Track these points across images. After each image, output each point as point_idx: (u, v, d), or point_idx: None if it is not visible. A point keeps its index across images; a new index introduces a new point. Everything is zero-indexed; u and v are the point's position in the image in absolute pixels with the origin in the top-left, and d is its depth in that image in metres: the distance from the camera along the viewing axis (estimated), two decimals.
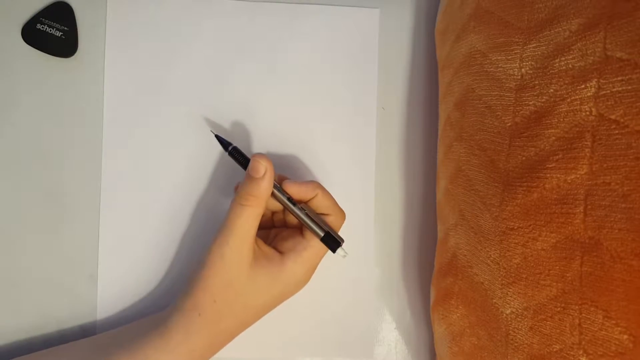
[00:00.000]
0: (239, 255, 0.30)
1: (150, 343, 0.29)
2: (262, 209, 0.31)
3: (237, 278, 0.30)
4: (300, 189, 0.32)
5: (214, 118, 0.37)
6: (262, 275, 0.31)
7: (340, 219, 0.33)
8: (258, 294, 0.31)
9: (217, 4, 0.38)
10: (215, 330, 0.30)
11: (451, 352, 0.31)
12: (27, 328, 0.35)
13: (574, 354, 0.21)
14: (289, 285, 0.32)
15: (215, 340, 0.31)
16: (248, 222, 0.30)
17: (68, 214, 0.36)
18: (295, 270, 0.31)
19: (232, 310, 0.30)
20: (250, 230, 0.30)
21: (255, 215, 0.30)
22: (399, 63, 0.39)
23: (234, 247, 0.30)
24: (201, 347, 0.30)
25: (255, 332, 0.37)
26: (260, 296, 0.31)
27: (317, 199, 0.32)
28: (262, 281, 0.31)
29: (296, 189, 0.32)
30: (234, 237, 0.30)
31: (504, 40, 0.27)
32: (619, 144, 0.20)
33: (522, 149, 0.25)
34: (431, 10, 0.40)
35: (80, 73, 0.37)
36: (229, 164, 0.37)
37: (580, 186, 0.21)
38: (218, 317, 0.30)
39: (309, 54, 0.38)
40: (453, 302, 0.31)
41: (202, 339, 0.30)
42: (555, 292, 0.22)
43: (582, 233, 0.21)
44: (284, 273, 0.31)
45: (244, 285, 0.30)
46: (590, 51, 0.21)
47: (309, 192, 0.32)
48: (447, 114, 0.34)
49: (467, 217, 0.30)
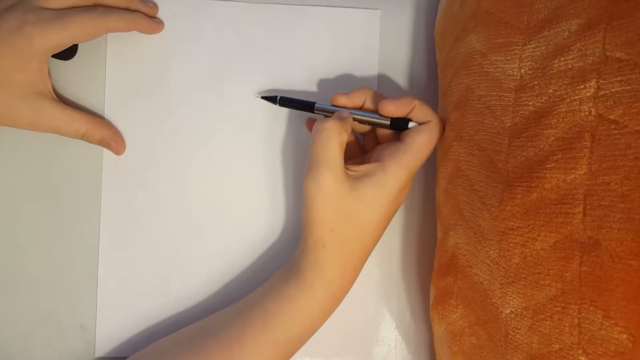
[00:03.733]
0: (334, 181, 0.30)
1: (290, 284, 0.31)
2: (345, 135, 0.31)
3: (343, 202, 0.30)
4: (398, 107, 0.32)
5: (214, 118, 0.37)
6: (367, 189, 0.31)
7: (441, 123, 0.33)
8: (370, 209, 0.31)
9: (217, 6, 0.38)
10: (343, 257, 0.31)
11: (451, 351, 0.31)
12: (27, 328, 0.35)
13: (574, 354, 0.21)
14: (396, 191, 0.31)
15: (347, 266, 0.31)
16: (334, 148, 0.30)
17: (68, 214, 0.36)
18: (399, 174, 0.31)
19: (352, 233, 0.31)
20: (337, 155, 0.30)
21: (339, 141, 0.30)
22: (399, 63, 0.39)
23: (327, 175, 0.30)
24: (336, 276, 0.31)
25: None
26: (373, 210, 0.31)
27: (415, 110, 0.32)
28: (369, 195, 0.31)
29: (394, 107, 0.32)
30: (323, 166, 0.30)
31: (503, 41, 0.27)
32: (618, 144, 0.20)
33: (522, 149, 0.25)
34: (431, 11, 0.40)
35: (80, 74, 0.37)
36: (229, 164, 0.37)
37: (579, 186, 0.21)
38: (342, 244, 0.31)
39: (310, 55, 0.38)
40: (452, 302, 0.31)
41: (335, 268, 0.31)
42: (555, 292, 0.22)
43: (582, 233, 0.21)
44: (388, 179, 0.31)
45: (353, 206, 0.30)
46: (590, 51, 0.21)
47: (407, 106, 0.32)
48: (447, 114, 0.34)
49: (466, 217, 0.30)
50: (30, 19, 0.30)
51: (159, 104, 0.37)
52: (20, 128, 0.33)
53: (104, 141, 0.35)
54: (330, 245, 0.30)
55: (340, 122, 0.31)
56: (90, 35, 0.33)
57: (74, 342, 0.36)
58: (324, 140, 0.30)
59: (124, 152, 0.37)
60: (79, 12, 0.32)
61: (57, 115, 0.33)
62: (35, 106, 0.32)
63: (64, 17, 0.31)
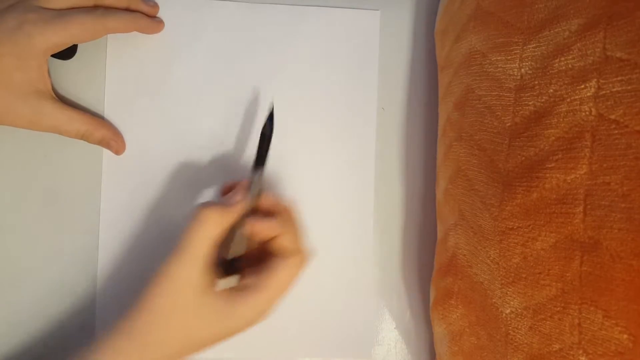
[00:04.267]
0: (189, 280, 0.27)
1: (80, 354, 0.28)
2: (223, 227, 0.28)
3: (183, 306, 0.27)
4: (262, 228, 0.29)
5: (214, 118, 0.37)
6: (209, 309, 0.28)
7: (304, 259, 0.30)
8: (203, 327, 0.28)
9: (218, 6, 0.38)
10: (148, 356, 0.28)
11: (451, 351, 0.31)
12: (27, 328, 0.35)
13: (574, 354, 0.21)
14: (239, 324, 0.29)
15: None
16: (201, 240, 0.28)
17: (68, 214, 0.36)
18: (246, 314, 0.29)
19: (172, 337, 0.28)
20: (208, 249, 0.28)
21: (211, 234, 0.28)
22: (399, 64, 0.39)
23: (187, 268, 0.27)
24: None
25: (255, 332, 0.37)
26: (205, 329, 0.28)
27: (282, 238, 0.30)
28: (208, 315, 0.28)
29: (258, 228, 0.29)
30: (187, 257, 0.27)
31: (503, 41, 0.27)
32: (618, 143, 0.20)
33: (522, 149, 0.25)
34: (431, 11, 0.40)
35: (80, 74, 0.37)
36: (228, 164, 0.37)
37: (580, 186, 0.21)
38: (154, 343, 0.28)
39: (310, 55, 0.38)
40: (453, 302, 0.31)
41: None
42: (555, 292, 0.22)
43: (582, 233, 0.21)
44: (234, 314, 0.28)
45: (190, 315, 0.28)
46: (590, 51, 0.21)
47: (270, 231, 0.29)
48: (447, 114, 0.34)
49: (466, 217, 0.30)
50: (30, 18, 0.30)
51: (159, 104, 0.37)
52: (20, 127, 0.33)
53: (104, 141, 0.35)
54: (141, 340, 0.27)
55: (222, 211, 0.28)
56: (90, 35, 0.33)
57: (73, 342, 0.36)
58: (196, 227, 0.28)
59: (124, 152, 0.37)
60: (79, 12, 0.32)
61: (57, 114, 0.33)
62: (35, 105, 0.32)
63: (64, 17, 0.31)
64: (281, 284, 0.29)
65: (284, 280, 0.29)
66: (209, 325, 0.28)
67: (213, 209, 0.28)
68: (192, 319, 0.28)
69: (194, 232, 0.28)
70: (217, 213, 0.28)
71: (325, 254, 0.38)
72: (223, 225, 0.29)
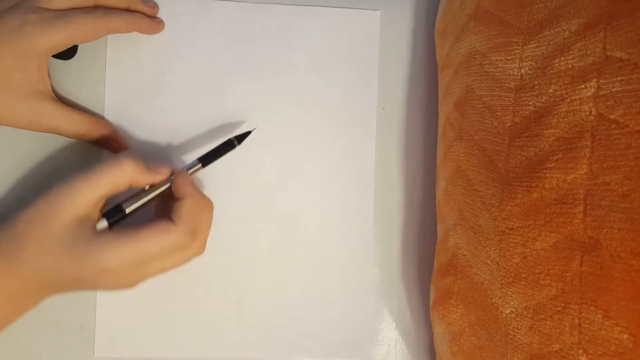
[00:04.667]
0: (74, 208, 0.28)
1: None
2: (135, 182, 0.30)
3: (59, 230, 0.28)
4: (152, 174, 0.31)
5: (215, 119, 0.37)
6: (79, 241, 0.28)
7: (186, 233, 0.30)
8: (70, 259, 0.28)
9: (218, 6, 0.38)
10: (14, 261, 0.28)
11: (451, 351, 0.31)
12: (27, 328, 0.35)
13: (574, 354, 0.21)
14: (102, 267, 0.28)
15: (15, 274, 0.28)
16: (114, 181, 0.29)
17: None
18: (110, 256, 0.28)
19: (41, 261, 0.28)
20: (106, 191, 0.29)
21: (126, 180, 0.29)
22: (399, 64, 0.39)
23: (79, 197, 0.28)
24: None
25: (255, 332, 0.37)
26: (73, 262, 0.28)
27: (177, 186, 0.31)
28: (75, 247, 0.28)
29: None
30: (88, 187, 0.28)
31: (503, 41, 0.27)
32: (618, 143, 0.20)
33: (522, 149, 0.25)
34: (431, 11, 0.40)
35: (80, 74, 0.37)
36: (228, 165, 0.37)
37: (579, 186, 0.21)
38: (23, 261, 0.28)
39: (310, 55, 0.38)
40: (453, 302, 0.31)
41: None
42: (555, 292, 0.22)
43: (582, 233, 0.21)
44: (98, 252, 0.28)
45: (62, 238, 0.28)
46: (590, 51, 0.21)
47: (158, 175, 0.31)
48: (447, 114, 0.34)
49: (466, 217, 0.30)
50: (31, 19, 0.30)
51: (159, 104, 0.37)
52: (19, 128, 0.33)
53: (104, 142, 0.35)
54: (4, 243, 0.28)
55: (140, 169, 0.30)
56: (91, 36, 0.33)
57: (73, 342, 0.36)
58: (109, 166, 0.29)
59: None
60: (79, 13, 0.32)
61: (56, 115, 0.33)
62: (35, 106, 0.32)
63: (64, 18, 0.31)
64: (150, 242, 0.29)
65: (154, 239, 0.29)
66: (76, 259, 0.28)
67: (134, 162, 0.30)
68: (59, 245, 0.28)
69: (105, 169, 0.29)
70: (134, 167, 0.30)
71: (326, 254, 0.38)
72: (132, 181, 0.30)
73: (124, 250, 0.28)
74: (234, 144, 0.34)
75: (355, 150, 0.38)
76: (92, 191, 0.29)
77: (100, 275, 0.28)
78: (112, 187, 0.29)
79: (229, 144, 0.34)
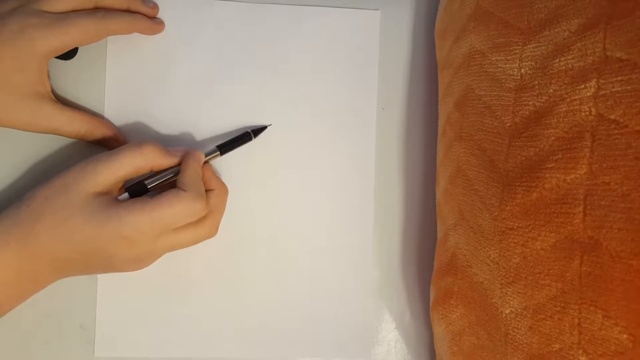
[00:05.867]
0: (94, 184, 0.29)
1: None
2: (157, 165, 0.32)
3: (78, 194, 0.29)
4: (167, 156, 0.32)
5: (215, 119, 0.37)
6: (96, 209, 0.29)
7: (198, 201, 0.31)
8: (87, 224, 0.29)
9: (218, 6, 0.38)
10: (28, 235, 0.29)
11: (451, 351, 0.31)
12: (27, 328, 0.35)
13: (574, 354, 0.21)
14: (117, 234, 0.29)
15: (29, 249, 0.29)
16: (134, 164, 0.30)
17: None
18: (126, 223, 0.29)
19: (57, 235, 0.29)
20: (126, 173, 0.30)
21: (148, 164, 0.31)
22: (399, 64, 0.39)
23: (102, 175, 0.30)
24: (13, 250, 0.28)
25: (255, 332, 0.37)
26: (89, 228, 0.29)
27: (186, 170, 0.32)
28: (93, 214, 0.29)
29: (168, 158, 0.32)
30: (111, 168, 0.30)
31: (503, 41, 0.27)
32: (618, 143, 0.20)
33: (522, 149, 0.25)
34: (431, 11, 0.40)
35: (80, 74, 0.37)
36: (227, 165, 0.37)
37: (579, 186, 0.21)
38: (38, 235, 0.28)
39: (310, 55, 0.38)
40: (452, 302, 0.31)
41: (14, 238, 0.29)
42: (555, 292, 0.22)
43: (582, 233, 0.21)
44: (114, 219, 0.29)
45: (80, 207, 0.29)
46: (590, 51, 0.21)
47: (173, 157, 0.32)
48: (447, 114, 0.34)
49: (466, 217, 0.30)
50: (32, 22, 0.31)
51: (159, 104, 0.37)
52: (19, 129, 0.33)
53: (104, 141, 0.35)
54: (28, 214, 0.29)
55: (162, 153, 0.32)
56: (92, 38, 0.33)
57: (73, 342, 0.36)
58: (132, 149, 0.30)
59: None
60: (80, 15, 0.32)
61: (56, 116, 0.33)
62: (34, 107, 0.32)
63: (65, 21, 0.31)
64: (164, 207, 0.29)
65: (167, 204, 0.29)
66: (92, 227, 0.29)
67: (154, 147, 0.31)
68: (76, 215, 0.29)
69: (127, 152, 0.30)
70: (155, 152, 0.31)
71: (325, 254, 0.38)
72: (154, 165, 0.32)
73: (140, 215, 0.29)
74: (251, 136, 0.36)
75: (355, 150, 0.38)
76: (112, 171, 0.30)
77: (116, 243, 0.29)
78: (133, 169, 0.31)
79: (246, 136, 0.36)
